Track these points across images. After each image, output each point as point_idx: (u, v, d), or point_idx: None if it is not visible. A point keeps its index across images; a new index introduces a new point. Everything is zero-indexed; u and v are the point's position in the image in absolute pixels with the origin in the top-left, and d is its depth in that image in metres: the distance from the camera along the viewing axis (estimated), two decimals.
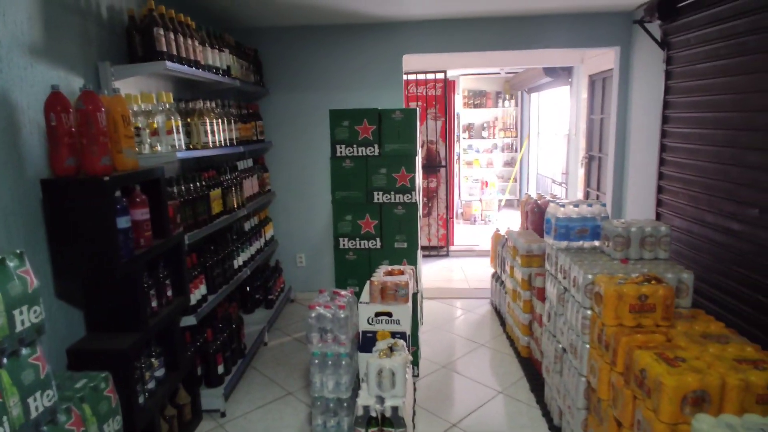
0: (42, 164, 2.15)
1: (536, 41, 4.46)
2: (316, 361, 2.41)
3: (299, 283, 5.01)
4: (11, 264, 1.32)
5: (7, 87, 1.97)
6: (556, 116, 7.92)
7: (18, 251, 1.37)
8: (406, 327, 2.53)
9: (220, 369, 3.10)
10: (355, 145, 3.19)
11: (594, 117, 5.63)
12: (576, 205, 2.65)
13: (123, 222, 2.12)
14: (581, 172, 5.99)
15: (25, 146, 2.06)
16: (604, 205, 2.69)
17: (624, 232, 2.43)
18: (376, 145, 3.18)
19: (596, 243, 2.65)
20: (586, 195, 5.84)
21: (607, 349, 2.07)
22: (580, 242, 2.65)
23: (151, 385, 2.35)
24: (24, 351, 1.35)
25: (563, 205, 2.67)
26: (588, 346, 2.26)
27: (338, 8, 3.93)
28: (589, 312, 2.24)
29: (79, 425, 1.54)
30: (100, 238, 2.04)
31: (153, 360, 2.41)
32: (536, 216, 3.86)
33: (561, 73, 6.43)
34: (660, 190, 3.75)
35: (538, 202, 3.91)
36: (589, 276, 2.23)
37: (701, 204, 3.12)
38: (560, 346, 2.61)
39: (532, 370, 3.35)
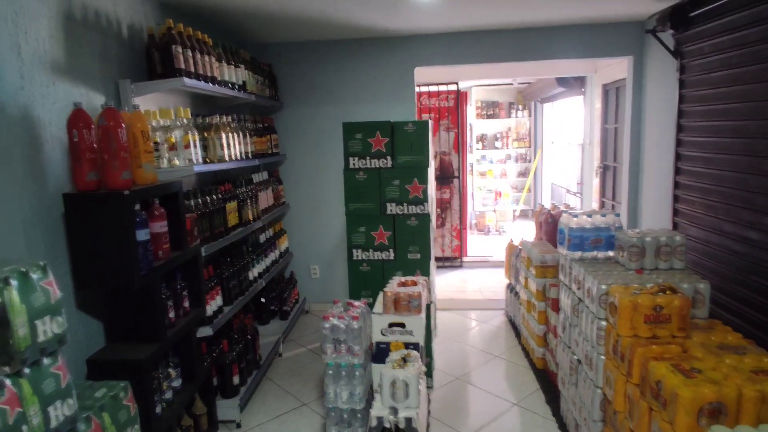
0: (63, 178, 2.22)
1: (547, 52, 4.48)
2: (330, 372, 2.42)
3: (313, 295, 5.03)
4: (35, 276, 1.37)
5: (30, 104, 2.04)
6: (570, 126, 7.89)
7: (41, 263, 1.42)
8: (419, 338, 2.53)
9: (236, 380, 3.12)
10: (368, 157, 3.22)
11: (608, 126, 5.61)
12: (589, 215, 2.64)
13: (142, 234, 2.17)
14: (596, 181, 5.95)
15: (47, 161, 2.12)
16: (618, 215, 2.68)
17: (639, 242, 2.42)
18: (389, 157, 3.21)
19: (610, 253, 2.63)
20: (601, 205, 5.79)
21: (622, 361, 2.05)
22: (594, 252, 2.63)
23: (168, 395, 2.39)
24: (45, 361, 1.39)
25: (576, 216, 2.66)
26: (603, 357, 2.24)
27: (351, 23, 4.00)
28: (603, 323, 2.22)
29: None
30: (120, 251, 2.09)
31: (170, 370, 2.45)
32: (550, 226, 3.84)
33: (574, 83, 6.42)
34: (676, 199, 3.71)
35: (552, 212, 3.89)
36: (603, 286, 2.22)
37: (718, 213, 3.08)
38: (575, 357, 2.58)
39: (547, 381, 3.32)
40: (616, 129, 5.34)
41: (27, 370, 1.33)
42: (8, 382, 1.26)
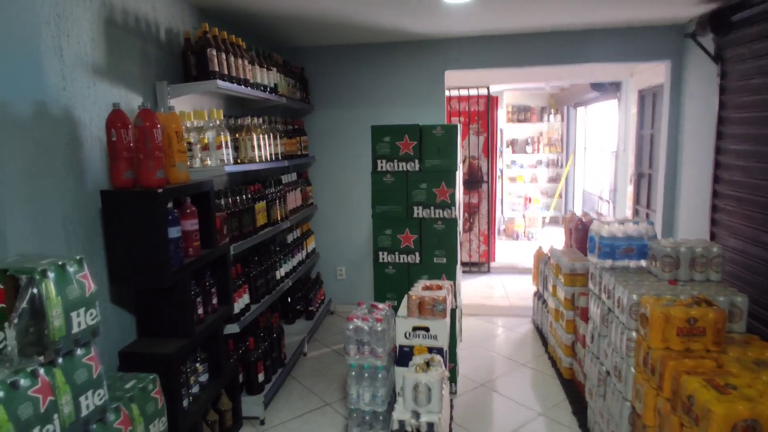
0: (101, 176, 2.30)
1: (581, 56, 4.40)
2: (353, 373, 2.43)
3: (339, 296, 5.06)
4: (71, 269, 1.43)
5: (71, 104, 2.13)
6: (604, 131, 7.72)
7: (78, 257, 1.48)
8: (443, 342, 2.51)
9: (261, 377, 3.17)
10: (395, 160, 3.23)
11: (644, 132, 5.46)
12: (621, 223, 2.58)
13: (174, 232, 2.23)
14: (630, 189, 5.80)
15: (86, 159, 2.21)
16: (651, 223, 2.60)
17: (673, 252, 2.34)
18: (416, 161, 3.21)
19: (643, 263, 2.56)
20: (635, 213, 5.64)
21: (653, 374, 1.99)
22: (626, 261, 2.56)
23: (195, 389, 2.44)
24: (79, 351, 1.45)
25: (608, 223, 2.60)
26: (633, 369, 2.17)
27: (382, 27, 4.02)
28: (634, 334, 2.16)
29: (127, 424, 1.63)
30: (152, 247, 2.15)
31: (198, 365, 2.50)
32: (580, 234, 3.76)
33: (609, 88, 6.28)
34: (714, 208, 3.58)
35: (583, 219, 3.81)
36: (634, 297, 2.16)
37: (757, 224, 2.96)
38: (604, 368, 2.52)
39: (574, 392, 3.25)
40: (652, 135, 5.19)
41: (60, 360, 1.38)
42: (42, 371, 1.32)
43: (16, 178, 1.81)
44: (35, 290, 1.28)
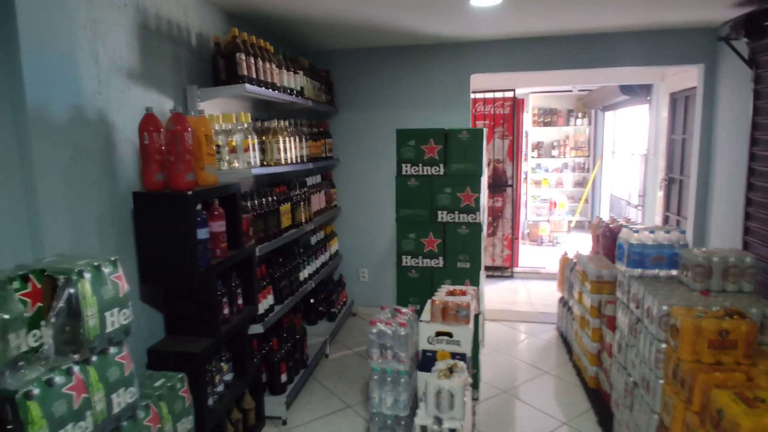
0: (133, 178, 2.36)
1: (610, 59, 4.32)
2: (376, 377, 2.43)
3: (361, 298, 5.08)
4: (106, 270, 1.47)
5: (106, 108, 2.19)
6: (633, 135, 7.57)
7: (112, 258, 1.52)
8: (466, 348, 2.50)
9: (284, 378, 3.20)
10: (420, 164, 3.22)
11: (675, 137, 5.33)
12: (652, 231, 2.52)
13: (202, 233, 2.28)
14: (660, 195, 5.67)
15: (119, 161, 2.27)
16: (683, 231, 2.54)
17: (705, 261, 2.28)
18: (441, 165, 3.20)
19: (673, 272, 2.50)
20: (665, 219, 5.51)
21: (682, 386, 1.94)
22: (656, 270, 2.51)
23: (220, 388, 2.48)
24: (112, 350, 1.49)
25: (637, 231, 2.55)
26: (662, 381, 2.12)
27: (408, 30, 4.02)
28: (663, 345, 2.11)
29: (156, 422, 1.66)
30: (181, 248, 2.20)
31: (223, 364, 2.54)
32: (608, 240, 3.69)
33: (639, 91, 6.15)
34: (748, 216, 3.48)
35: (611, 225, 3.74)
36: (665, 307, 2.11)
37: None
38: (631, 379, 2.47)
39: (600, 402, 3.19)
40: (683, 140, 5.07)
41: (94, 359, 1.42)
42: (77, 368, 1.36)
43: (54, 180, 1.87)
44: (72, 290, 1.33)
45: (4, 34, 1.71)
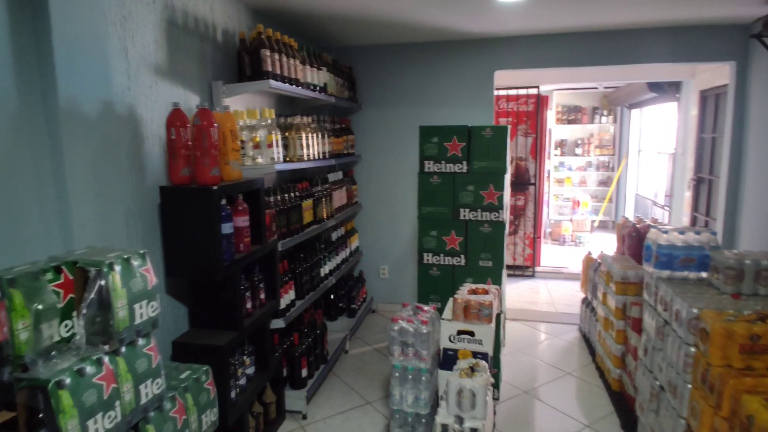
0: (159, 173, 2.39)
1: (638, 56, 4.22)
2: (397, 374, 2.43)
3: (381, 295, 5.08)
4: (135, 263, 1.49)
5: (135, 103, 2.22)
6: (660, 134, 7.40)
7: (141, 251, 1.54)
8: (488, 348, 2.48)
9: (304, 372, 3.22)
10: (443, 162, 3.20)
11: (705, 136, 5.20)
12: (681, 232, 2.46)
13: (227, 228, 2.30)
14: (687, 195, 5.53)
15: (147, 156, 2.30)
16: (714, 233, 2.47)
17: (736, 264, 2.22)
18: (464, 162, 3.17)
19: (703, 274, 2.44)
20: (693, 220, 5.38)
21: (711, 392, 1.89)
22: (685, 272, 2.45)
23: (242, 381, 2.51)
24: (140, 341, 1.51)
25: (666, 231, 2.49)
26: (689, 386, 2.07)
27: (431, 26, 3.99)
28: (692, 349, 2.06)
29: (182, 413, 1.69)
30: (206, 242, 2.23)
31: (245, 358, 2.57)
32: (634, 241, 3.62)
33: (668, 88, 6.01)
34: None
35: (637, 225, 3.66)
36: (694, 310, 2.05)
37: None
38: (657, 383, 2.42)
39: (623, 405, 3.13)
40: (713, 139, 4.93)
41: (123, 350, 1.45)
42: (106, 359, 1.39)
43: (84, 173, 1.90)
44: (103, 282, 1.35)
45: (38, 29, 1.74)
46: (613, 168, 8.98)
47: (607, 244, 7.26)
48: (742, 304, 2.11)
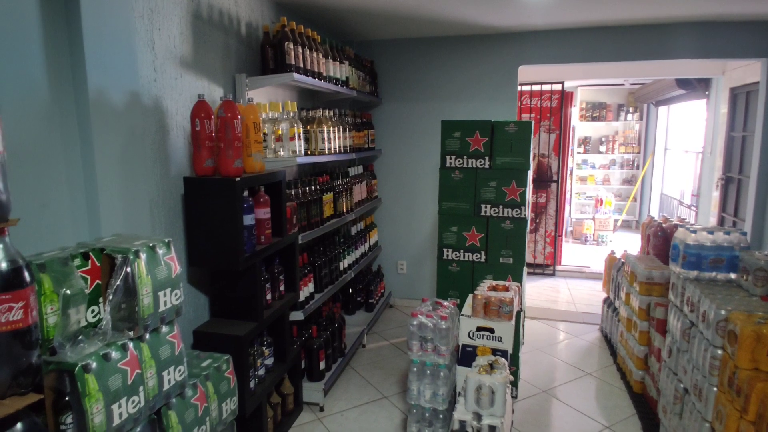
0: (184, 163, 2.42)
1: (665, 51, 4.11)
2: (415, 369, 2.42)
3: (399, 290, 5.07)
4: (160, 251, 1.51)
5: (160, 94, 2.25)
6: (688, 132, 7.22)
7: (166, 240, 1.56)
8: (507, 345, 2.45)
9: (322, 365, 3.24)
10: (465, 157, 3.17)
11: (735, 134, 5.05)
12: (710, 232, 2.39)
13: (248, 219, 2.32)
14: (715, 194, 5.39)
15: (171, 147, 2.33)
16: (744, 233, 2.40)
17: (767, 265, 2.15)
18: (486, 158, 3.14)
19: (732, 276, 2.37)
20: (720, 220, 5.24)
21: (738, 395, 1.84)
22: (713, 273, 2.38)
23: (261, 372, 2.53)
24: (164, 329, 1.53)
25: (695, 231, 2.42)
26: (716, 389, 2.02)
27: (454, 20, 3.95)
28: (719, 352, 2.01)
29: (203, 401, 1.71)
30: (228, 233, 2.25)
31: (264, 349, 2.59)
32: (659, 240, 3.54)
33: (697, 85, 5.85)
34: None
35: (663, 225, 3.58)
36: (723, 312, 2.00)
37: None
38: (682, 385, 2.36)
39: (645, 407, 3.07)
40: (744, 137, 4.79)
41: (147, 336, 1.47)
42: (131, 345, 1.41)
43: (112, 163, 1.93)
44: (129, 269, 1.37)
45: (69, 21, 1.77)
46: (638, 166, 8.80)
47: (630, 244, 7.13)
48: None
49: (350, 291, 4.37)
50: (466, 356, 2.45)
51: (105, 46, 1.90)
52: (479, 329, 2.46)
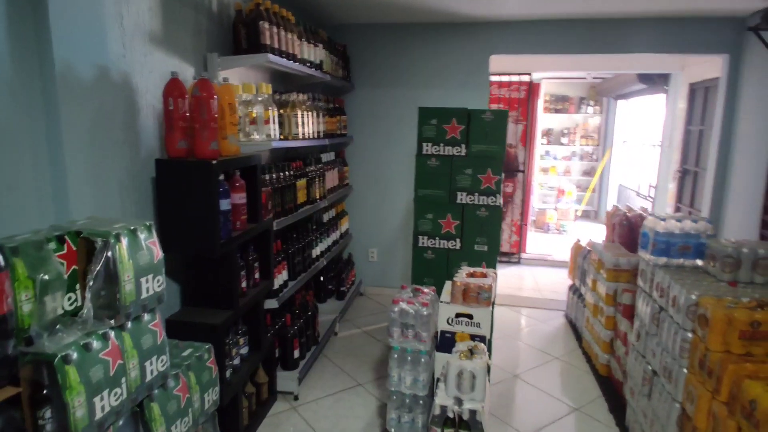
0: (154, 145, 2.30)
1: (630, 45, 4.23)
2: (396, 356, 2.42)
3: (370, 278, 5.06)
4: (142, 235, 1.43)
5: (129, 71, 2.12)
6: (646, 125, 7.49)
7: (147, 223, 1.48)
8: (486, 331, 2.48)
9: (296, 353, 3.19)
10: (441, 144, 3.17)
11: (692, 128, 5.28)
12: (679, 220, 2.49)
13: (224, 204, 2.23)
14: (672, 186, 5.63)
15: (141, 127, 2.21)
16: (710, 222, 2.51)
17: (734, 252, 2.25)
18: (463, 145, 3.14)
19: (699, 262, 2.47)
20: (676, 211, 5.48)
21: (709, 376, 1.93)
22: (681, 260, 2.48)
23: (236, 361, 2.47)
24: (146, 317, 1.45)
25: (664, 219, 2.51)
26: (685, 370, 2.11)
27: (429, 7, 3.92)
28: (690, 335, 2.10)
29: (185, 392, 1.64)
30: (204, 218, 2.16)
31: (239, 338, 2.52)
32: (625, 229, 3.66)
33: (657, 80, 6.07)
34: (766, 210, 3.45)
35: (628, 215, 3.71)
36: (693, 297, 2.08)
37: None
38: (650, 368, 2.46)
39: (611, 389, 3.19)
40: (701, 131, 5.01)
41: (129, 325, 1.39)
42: (112, 334, 1.33)
43: (80, 141, 1.81)
44: (110, 254, 1.29)
45: None
46: (597, 158, 9.08)
47: (591, 233, 7.37)
48: (740, 292, 2.15)
49: (322, 279, 4.32)
50: (444, 342, 2.46)
51: (71, 18, 1.77)
52: (458, 315, 2.48)
